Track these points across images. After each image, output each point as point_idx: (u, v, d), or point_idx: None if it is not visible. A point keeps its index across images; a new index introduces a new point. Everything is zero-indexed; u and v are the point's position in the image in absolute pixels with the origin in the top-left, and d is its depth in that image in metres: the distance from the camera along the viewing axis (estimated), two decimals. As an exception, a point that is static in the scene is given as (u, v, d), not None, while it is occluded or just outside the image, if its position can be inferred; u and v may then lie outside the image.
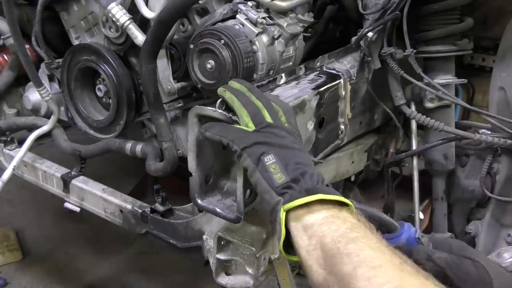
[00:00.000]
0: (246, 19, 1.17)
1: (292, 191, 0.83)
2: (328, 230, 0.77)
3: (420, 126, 1.44)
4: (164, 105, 1.35)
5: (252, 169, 0.86)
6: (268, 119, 0.91)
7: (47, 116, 1.72)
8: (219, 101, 0.97)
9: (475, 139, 1.27)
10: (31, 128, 1.73)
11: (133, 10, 1.31)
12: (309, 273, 0.79)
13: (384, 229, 1.14)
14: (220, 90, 0.97)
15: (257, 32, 1.16)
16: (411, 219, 1.56)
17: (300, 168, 0.85)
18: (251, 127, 0.90)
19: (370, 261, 0.72)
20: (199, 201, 1.04)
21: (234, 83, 1.00)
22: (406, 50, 1.29)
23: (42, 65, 1.66)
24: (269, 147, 0.86)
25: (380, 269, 0.70)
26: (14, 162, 1.66)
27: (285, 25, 1.21)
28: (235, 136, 0.89)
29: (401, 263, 0.72)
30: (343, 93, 1.27)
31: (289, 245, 0.84)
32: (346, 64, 1.33)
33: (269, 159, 0.85)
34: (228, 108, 0.96)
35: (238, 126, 0.92)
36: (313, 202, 0.81)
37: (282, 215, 0.81)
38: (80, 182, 1.63)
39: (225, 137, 0.90)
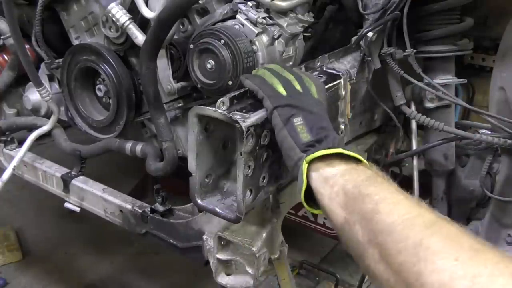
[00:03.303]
0: (246, 19, 1.17)
1: (315, 148, 0.90)
2: (350, 178, 0.84)
3: (420, 126, 1.44)
4: (164, 105, 1.35)
5: (280, 127, 0.93)
6: (299, 88, 1.00)
7: (47, 116, 1.72)
8: (219, 101, 0.97)
9: (475, 139, 1.27)
10: (31, 128, 1.73)
11: (133, 10, 1.31)
12: (331, 217, 0.85)
13: None
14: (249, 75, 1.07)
15: (257, 32, 1.16)
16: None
17: (324, 132, 0.93)
18: (283, 92, 0.97)
19: (390, 198, 0.78)
20: (199, 201, 1.04)
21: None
22: (406, 50, 1.29)
23: (42, 65, 1.66)
24: (299, 110, 0.94)
25: (399, 204, 0.77)
26: (14, 162, 1.66)
27: (285, 25, 1.21)
28: (271, 93, 0.97)
29: (419, 202, 0.78)
30: (343, 93, 1.27)
31: (309, 198, 0.90)
32: (346, 64, 1.33)
33: (297, 121, 0.93)
34: (229, 107, 0.96)
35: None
36: (333, 156, 0.88)
37: (304, 166, 0.88)
38: (80, 182, 1.63)
39: (262, 91, 0.98)
